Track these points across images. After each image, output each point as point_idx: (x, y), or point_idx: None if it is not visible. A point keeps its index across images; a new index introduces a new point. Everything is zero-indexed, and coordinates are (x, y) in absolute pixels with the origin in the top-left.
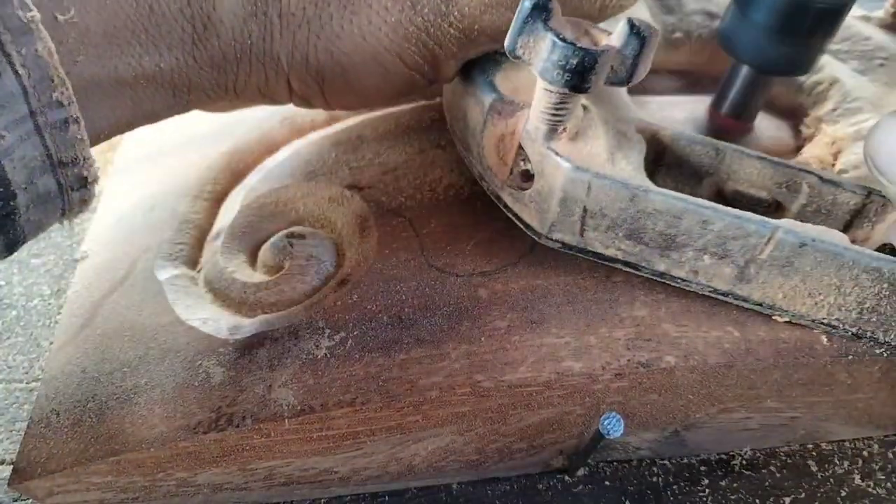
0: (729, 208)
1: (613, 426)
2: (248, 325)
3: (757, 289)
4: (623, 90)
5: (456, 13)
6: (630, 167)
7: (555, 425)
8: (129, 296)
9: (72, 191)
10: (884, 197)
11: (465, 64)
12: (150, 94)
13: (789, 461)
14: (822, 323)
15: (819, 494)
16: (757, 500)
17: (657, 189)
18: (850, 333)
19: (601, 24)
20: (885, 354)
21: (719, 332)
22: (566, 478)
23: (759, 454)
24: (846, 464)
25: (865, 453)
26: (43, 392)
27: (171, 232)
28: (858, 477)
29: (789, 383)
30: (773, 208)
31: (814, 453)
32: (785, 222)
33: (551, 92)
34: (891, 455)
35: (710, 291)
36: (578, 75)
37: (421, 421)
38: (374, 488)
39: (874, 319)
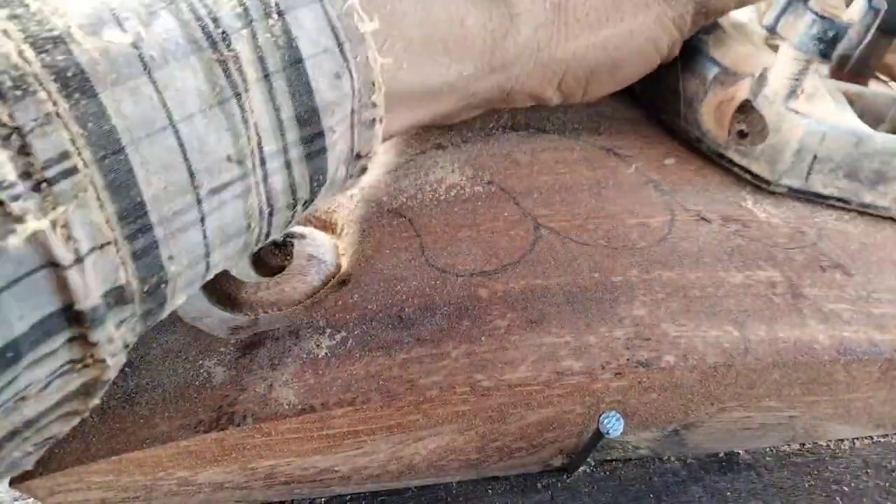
0: None
1: (613, 425)
2: (249, 324)
3: None
4: None
5: (693, 1)
6: (852, 118)
7: (554, 424)
8: None
9: (351, 178)
10: None
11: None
12: (446, 98)
13: (788, 460)
14: None
15: (818, 493)
16: (756, 500)
17: (880, 134)
18: None
19: None
20: None
21: (718, 332)
22: (566, 477)
23: (758, 453)
24: (845, 463)
25: (864, 452)
26: None
27: None
28: (858, 476)
29: (788, 382)
30: None
31: (813, 452)
32: None
33: (799, 60)
34: (890, 454)
35: None
36: (830, 44)
37: (421, 420)
38: (375, 487)
39: None
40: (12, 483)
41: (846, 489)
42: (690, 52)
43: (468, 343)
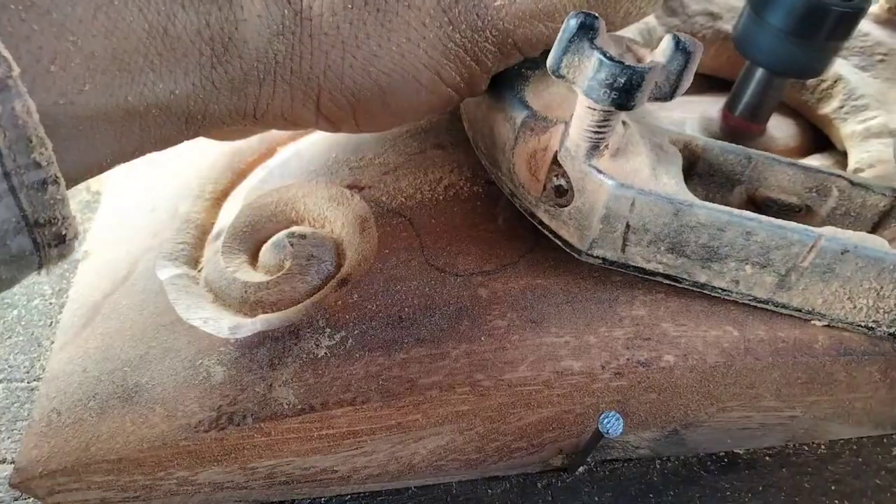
0: (772, 219)
1: (613, 425)
2: (249, 324)
3: (797, 295)
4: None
5: (491, 28)
6: (672, 181)
7: (554, 424)
8: (130, 295)
9: (49, 248)
10: None
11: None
12: (162, 121)
13: (788, 460)
14: (859, 325)
15: (818, 493)
16: (756, 499)
17: (701, 203)
18: (887, 334)
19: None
20: None
21: (718, 332)
22: (566, 476)
23: (758, 453)
24: (845, 463)
25: (864, 452)
26: (44, 391)
27: (172, 232)
28: (858, 476)
29: (788, 382)
30: (804, 212)
31: (813, 452)
32: (827, 230)
33: (594, 110)
34: (890, 454)
35: (749, 300)
36: (625, 93)
37: (421, 420)
38: (375, 487)
39: None
40: (12, 482)
41: (846, 489)
42: (501, 89)
43: (468, 343)
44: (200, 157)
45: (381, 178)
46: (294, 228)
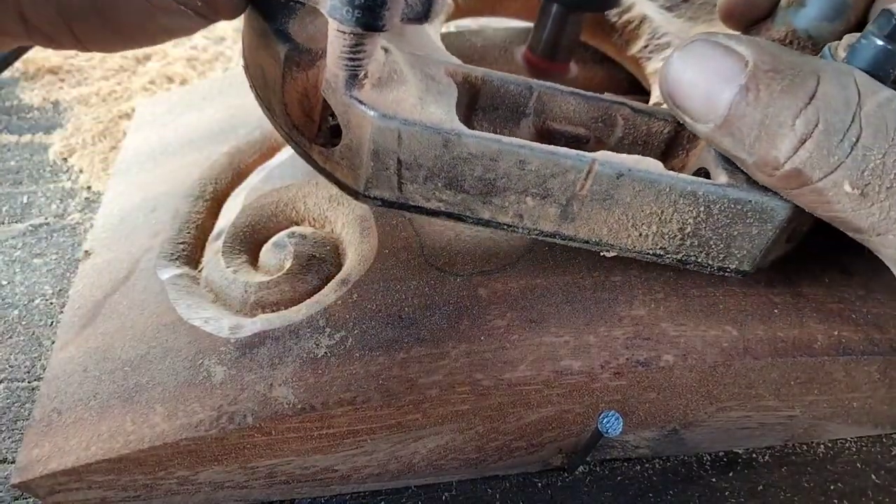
0: (544, 145)
1: (612, 425)
2: (249, 324)
3: (582, 226)
4: (431, 31)
5: None
6: (441, 111)
7: (554, 424)
8: (130, 295)
9: None
10: None
11: (255, 9)
12: None
13: (788, 460)
14: (648, 253)
15: (817, 493)
16: (755, 499)
17: (469, 132)
18: (675, 260)
19: None
20: (708, 271)
21: (717, 331)
22: (565, 476)
23: (757, 453)
24: (844, 463)
25: (864, 452)
26: (45, 391)
27: (172, 232)
28: (857, 476)
29: (787, 382)
30: (592, 143)
31: (812, 452)
32: (600, 154)
33: (344, 34)
34: (889, 454)
35: (537, 234)
36: (369, 11)
37: (421, 419)
38: (375, 486)
39: (696, 244)
40: (13, 482)
41: (845, 488)
42: (266, 24)
43: (468, 342)
44: (201, 157)
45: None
46: (294, 228)
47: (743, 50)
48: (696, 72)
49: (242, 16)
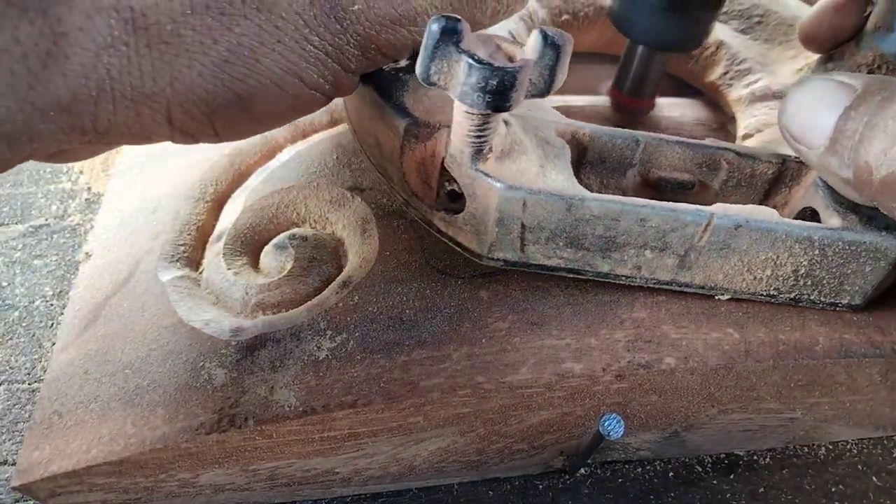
0: (664, 203)
1: (614, 427)
2: (250, 326)
3: (699, 273)
4: None
5: (352, 32)
6: (561, 177)
7: (555, 426)
8: (131, 297)
9: None
10: (798, 162)
11: (368, 83)
12: None
13: (789, 462)
14: (762, 295)
15: (818, 495)
16: (756, 501)
17: (592, 195)
18: (788, 299)
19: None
20: (819, 307)
21: (719, 334)
22: (566, 478)
23: (758, 455)
24: (846, 465)
25: (865, 454)
26: (45, 393)
27: (173, 234)
28: (858, 478)
29: (789, 385)
30: (697, 187)
31: (813, 454)
32: (717, 207)
33: (472, 115)
34: (890, 456)
35: (654, 283)
36: (499, 95)
37: (422, 422)
38: (376, 489)
39: (809, 283)
40: (13, 484)
41: (847, 491)
42: (379, 96)
43: (469, 345)
44: (202, 159)
45: (383, 179)
46: (295, 230)
47: (854, 81)
48: (809, 104)
49: None
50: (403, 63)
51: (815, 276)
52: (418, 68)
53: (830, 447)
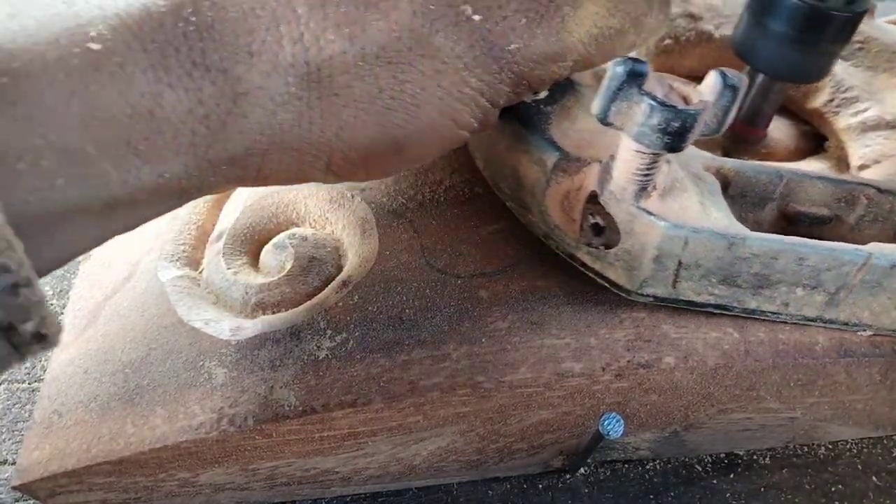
0: (823, 242)
1: (613, 427)
2: (250, 326)
3: (844, 310)
4: None
5: (507, 71)
6: (722, 215)
7: (555, 426)
8: (131, 297)
9: (29, 346)
10: None
11: (508, 116)
12: (151, 202)
13: (789, 461)
14: None
15: (818, 494)
16: (756, 500)
17: (755, 235)
18: None
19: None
20: None
21: (718, 334)
22: (566, 478)
23: (758, 454)
24: (845, 464)
25: (864, 454)
26: (45, 392)
27: (173, 233)
28: (858, 477)
29: (788, 384)
30: (833, 222)
31: (813, 454)
32: (874, 247)
33: (644, 154)
34: (889, 455)
35: (798, 319)
36: (678, 136)
37: (422, 421)
38: (375, 488)
39: None
40: (13, 484)
41: (846, 490)
42: (526, 129)
43: (469, 344)
44: None
45: (382, 179)
46: (295, 230)
47: None
48: None
49: None
50: (542, 95)
51: None
52: (597, 108)
53: (830, 447)
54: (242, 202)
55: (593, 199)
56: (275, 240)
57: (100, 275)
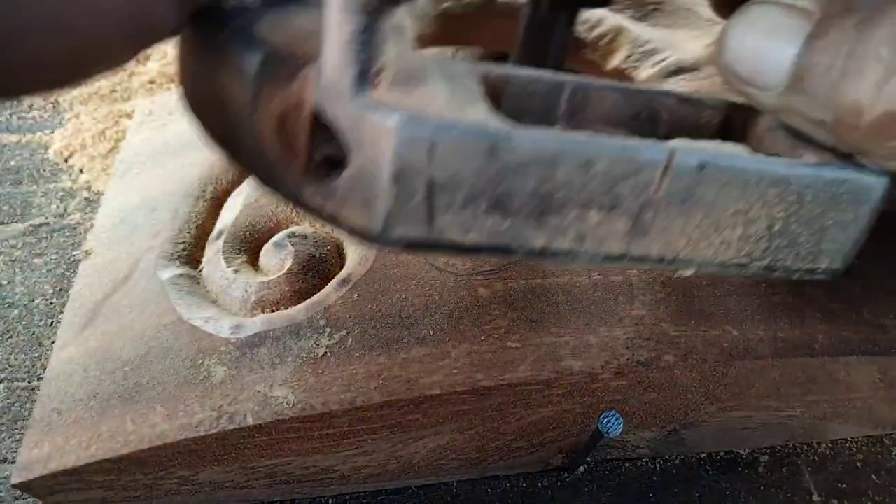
0: (613, 139)
1: (613, 425)
2: (250, 324)
3: (657, 240)
4: None
5: None
6: (479, 110)
7: (554, 424)
8: (130, 295)
9: None
10: (749, 108)
11: (205, 28)
12: None
13: (788, 460)
14: (731, 265)
15: (818, 493)
16: (755, 499)
17: (522, 131)
18: (761, 269)
19: None
20: (797, 276)
21: (718, 331)
22: (566, 476)
23: (757, 453)
24: (845, 463)
25: (864, 452)
26: (45, 391)
27: (173, 232)
28: (857, 476)
29: (788, 382)
30: None
31: (813, 452)
32: (678, 142)
33: (349, 12)
34: (889, 454)
35: (601, 260)
36: None
37: (421, 419)
38: (375, 486)
39: (784, 244)
40: (13, 482)
41: (846, 488)
42: (223, 33)
43: (468, 342)
44: (201, 157)
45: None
46: (295, 228)
47: (807, 3)
48: (757, 37)
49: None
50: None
51: (790, 233)
52: None
53: (830, 445)
54: (242, 200)
55: (319, 117)
56: (275, 238)
57: (100, 273)
